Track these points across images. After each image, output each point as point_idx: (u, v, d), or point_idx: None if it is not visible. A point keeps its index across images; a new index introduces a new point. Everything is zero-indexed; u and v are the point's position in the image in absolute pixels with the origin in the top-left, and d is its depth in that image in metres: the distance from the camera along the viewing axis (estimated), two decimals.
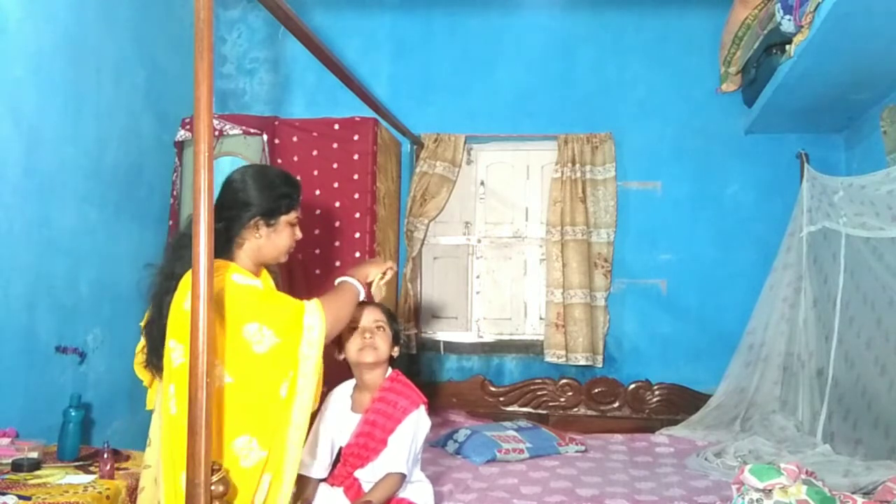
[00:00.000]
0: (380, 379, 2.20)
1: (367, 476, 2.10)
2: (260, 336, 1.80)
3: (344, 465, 2.16)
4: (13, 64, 2.72)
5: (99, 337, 3.21)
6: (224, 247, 1.94)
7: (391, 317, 2.28)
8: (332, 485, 2.17)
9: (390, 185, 3.99)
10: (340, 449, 2.19)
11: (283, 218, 2.00)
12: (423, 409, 2.16)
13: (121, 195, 3.41)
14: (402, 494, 2.14)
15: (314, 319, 1.84)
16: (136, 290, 3.58)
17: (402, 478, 2.06)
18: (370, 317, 2.22)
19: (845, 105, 3.50)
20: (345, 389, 2.28)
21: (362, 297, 2.07)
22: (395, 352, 2.25)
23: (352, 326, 2.18)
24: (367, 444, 2.11)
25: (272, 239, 2.00)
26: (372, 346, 2.18)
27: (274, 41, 4.44)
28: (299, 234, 2.08)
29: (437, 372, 4.28)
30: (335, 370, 2.17)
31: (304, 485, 2.10)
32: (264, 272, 2.12)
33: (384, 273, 2.16)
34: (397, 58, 4.40)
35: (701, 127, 4.15)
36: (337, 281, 2.11)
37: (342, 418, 2.20)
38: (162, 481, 1.81)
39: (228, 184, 2.00)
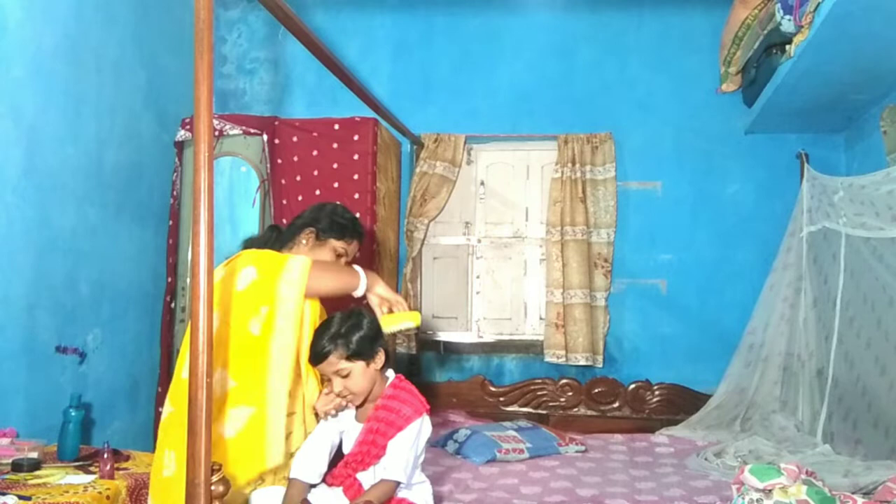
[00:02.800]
0: (379, 391, 2.18)
1: (370, 479, 2.10)
2: (245, 275, 1.96)
3: (345, 466, 2.15)
4: (13, 64, 2.72)
5: (99, 337, 3.22)
6: (278, 246, 2.20)
7: (348, 342, 2.04)
8: (332, 485, 2.16)
9: (390, 185, 3.99)
10: (339, 453, 2.18)
11: (333, 241, 2.24)
12: (426, 417, 2.14)
13: (121, 195, 3.41)
14: (401, 495, 2.13)
15: (296, 262, 1.97)
16: (137, 290, 3.62)
17: (397, 484, 2.06)
18: (328, 369, 2.05)
19: (845, 105, 3.50)
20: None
21: (359, 292, 2.14)
22: (379, 361, 2.11)
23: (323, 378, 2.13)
24: (369, 450, 2.10)
25: (314, 252, 2.21)
26: (347, 397, 2.07)
27: (274, 41, 4.44)
28: None
29: (437, 372, 4.28)
30: None
31: (293, 488, 2.07)
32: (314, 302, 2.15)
33: (397, 315, 2.18)
34: (397, 58, 4.40)
35: (701, 127, 4.15)
36: (356, 267, 2.21)
37: (346, 428, 2.19)
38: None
39: (313, 205, 2.36)
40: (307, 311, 2.06)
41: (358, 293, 2.15)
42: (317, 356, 2.03)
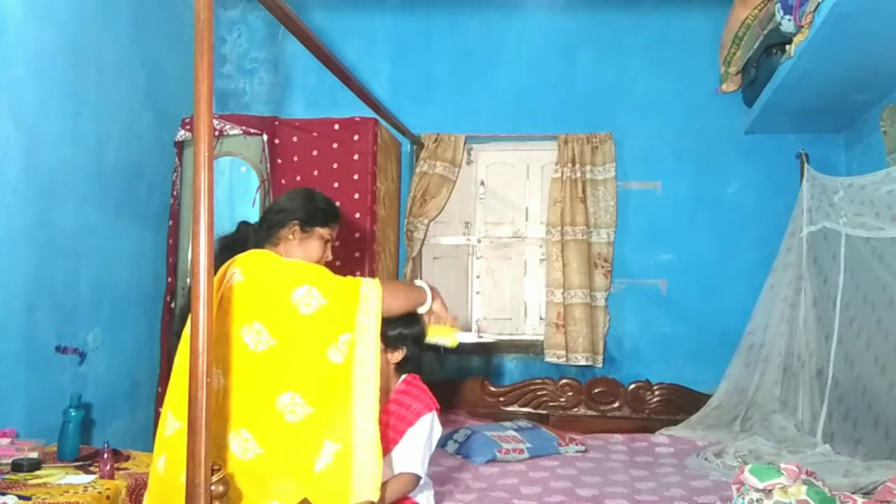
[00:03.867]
0: (391, 387, 2.20)
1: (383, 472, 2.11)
2: (308, 297, 1.90)
3: None
4: (13, 64, 2.72)
5: (99, 337, 3.21)
6: (264, 245, 2.13)
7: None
8: None
9: (390, 185, 3.99)
10: None
11: (318, 230, 2.19)
12: (435, 415, 2.15)
13: (121, 195, 3.41)
14: (416, 497, 2.14)
15: (371, 290, 1.94)
16: (137, 290, 3.62)
17: (416, 479, 2.06)
18: None
19: (845, 105, 3.50)
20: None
21: (425, 307, 2.14)
22: (396, 357, 2.19)
23: None
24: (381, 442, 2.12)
25: (304, 245, 2.17)
26: None
27: (274, 41, 4.44)
28: (329, 255, 2.25)
29: (437, 372, 4.28)
30: None
31: None
32: None
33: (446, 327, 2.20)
34: (397, 58, 4.40)
35: (701, 127, 4.15)
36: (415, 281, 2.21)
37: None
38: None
39: (281, 196, 2.29)
40: None
41: (424, 309, 2.15)
42: None
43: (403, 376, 2.23)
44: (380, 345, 1.89)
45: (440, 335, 2.19)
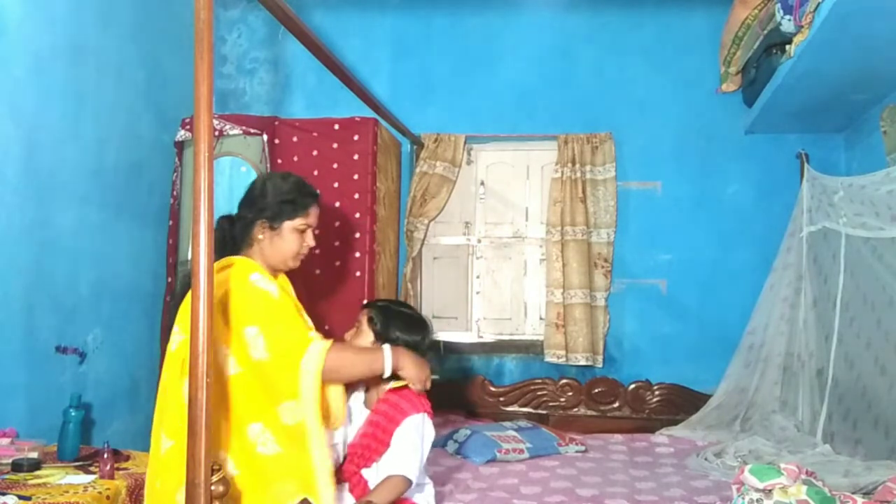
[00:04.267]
0: (386, 384, 2.19)
1: (373, 476, 2.10)
2: (256, 341, 1.86)
3: (350, 462, 2.16)
4: (13, 64, 2.72)
5: (99, 337, 3.21)
6: (236, 245, 2.05)
7: (380, 317, 2.21)
8: (338, 481, 2.17)
9: (390, 185, 3.99)
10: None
11: (287, 223, 2.07)
12: (426, 417, 2.14)
13: (121, 195, 3.41)
14: (413, 497, 2.14)
15: (311, 364, 1.86)
16: (136, 290, 3.62)
17: (406, 481, 2.05)
18: (360, 314, 2.24)
19: (845, 105, 3.50)
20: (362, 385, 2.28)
21: (386, 374, 2.04)
22: None
23: None
24: (369, 444, 2.12)
25: (275, 242, 2.07)
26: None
27: (274, 41, 4.44)
28: (310, 242, 2.13)
29: (436, 372, 4.28)
30: None
31: None
32: (283, 278, 2.18)
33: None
34: (397, 58, 4.40)
35: (701, 127, 4.15)
36: (382, 344, 2.10)
37: (355, 411, 2.21)
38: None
39: (249, 185, 2.14)
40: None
41: (386, 374, 2.04)
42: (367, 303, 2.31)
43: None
44: (320, 413, 1.87)
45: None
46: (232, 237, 2.08)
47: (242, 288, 1.91)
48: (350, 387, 2.21)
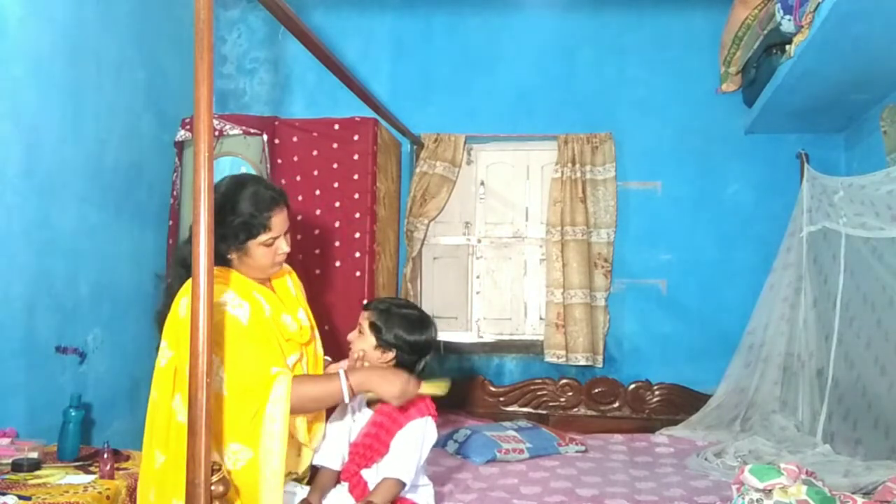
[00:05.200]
0: None
1: (373, 476, 2.10)
2: (217, 371, 1.80)
3: (351, 462, 2.16)
4: (13, 64, 2.72)
5: (99, 337, 3.21)
6: (218, 259, 1.94)
7: (381, 319, 2.17)
8: (338, 481, 2.18)
9: (390, 185, 3.99)
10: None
11: (251, 242, 1.96)
12: (429, 421, 2.14)
13: (121, 195, 3.41)
14: (406, 496, 2.14)
15: (277, 410, 1.79)
16: (137, 290, 3.62)
17: (401, 484, 2.05)
18: (361, 317, 2.21)
19: (845, 105, 3.50)
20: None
21: (346, 401, 1.96)
22: (385, 358, 2.16)
23: None
24: (371, 444, 2.11)
25: (245, 260, 1.99)
26: (352, 349, 2.18)
27: (274, 41, 4.44)
28: (284, 248, 2.03)
29: (437, 372, 4.27)
30: None
31: (321, 476, 2.11)
32: (284, 279, 2.15)
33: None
34: (397, 58, 4.40)
35: (701, 127, 4.15)
36: (333, 368, 2.05)
37: (357, 411, 2.21)
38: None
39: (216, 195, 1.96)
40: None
41: (345, 400, 1.95)
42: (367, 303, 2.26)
43: None
44: (284, 465, 1.83)
45: (432, 389, 2.10)
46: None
47: (215, 309, 1.85)
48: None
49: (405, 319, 2.18)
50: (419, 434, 2.10)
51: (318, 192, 3.56)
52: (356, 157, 3.57)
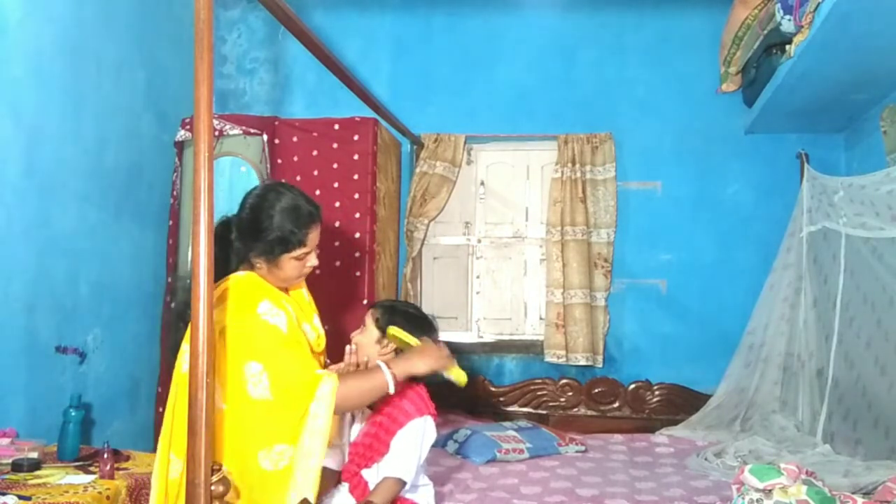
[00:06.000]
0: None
1: (374, 476, 2.10)
2: (258, 379, 1.80)
3: (351, 462, 2.16)
4: (13, 64, 2.72)
5: (99, 337, 3.21)
6: (243, 263, 1.99)
7: (385, 317, 2.19)
8: (338, 482, 2.18)
9: (390, 185, 3.99)
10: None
11: (285, 255, 1.97)
12: (428, 419, 2.14)
13: (121, 195, 3.41)
14: (406, 496, 2.14)
15: (321, 408, 1.81)
16: (137, 290, 3.62)
17: (401, 483, 2.06)
18: (367, 315, 2.24)
19: (845, 105, 3.50)
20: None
21: (391, 391, 1.96)
22: (388, 350, 2.18)
23: None
24: (371, 444, 2.12)
25: (273, 272, 2.00)
26: (353, 349, 2.19)
27: (274, 41, 4.44)
28: (313, 262, 2.05)
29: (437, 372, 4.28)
30: None
31: (321, 476, 2.11)
32: (297, 290, 2.16)
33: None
34: (397, 58, 4.40)
35: (701, 127, 4.15)
36: (333, 369, 2.03)
37: (357, 411, 2.21)
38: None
39: (247, 206, 1.99)
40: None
41: (390, 391, 1.96)
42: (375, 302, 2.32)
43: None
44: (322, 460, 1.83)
45: (452, 373, 2.10)
46: (228, 252, 1.99)
47: (247, 319, 1.84)
48: None
49: (408, 314, 2.23)
50: (419, 433, 2.10)
51: (318, 192, 3.56)
52: (356, 157, 3.57)
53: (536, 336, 4.26)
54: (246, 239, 1.97)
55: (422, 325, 2.21)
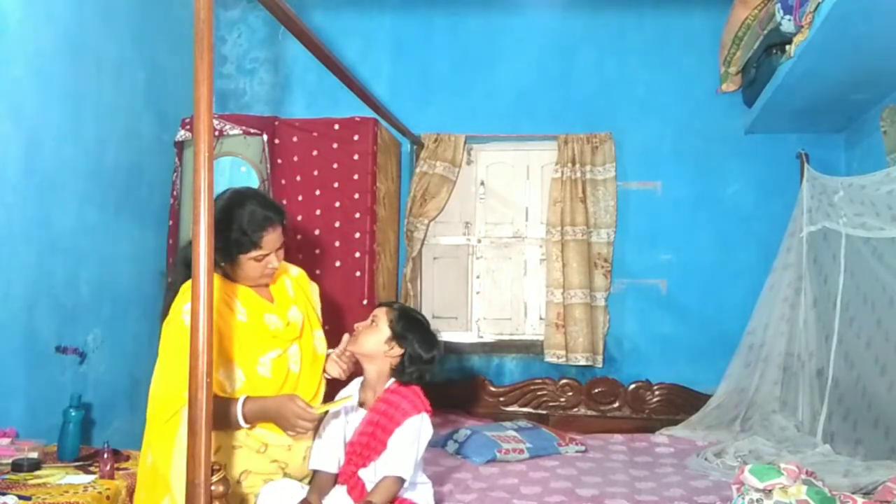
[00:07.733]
0: (377, 376, 2.19)
1: (371, 476, 2.10)
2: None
3: (348, 463, 2.16)
4: (13, 64, 2.72)
5: (99, 337, 3.22)
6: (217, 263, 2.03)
7: (402, 321, 2.20)
8: (336, 483, 2.17)
9: (390, 185, 3.99)
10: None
11: (242, 256, 2.03)
12: (425, 417, 2.14)
13: (121, 195, 3.41)
14: (404, 495, 2.14)
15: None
16: (137, 290, 3.62)
17: (400, 481, 2.06)
18: (377, 310, 2.25)
19: (845, 105, 3.50)
20: (355, 385, 2.27)
21: (242, 425, 1.93)
22: (393, 351, 2.18)
23: None
24: (368, 443, 2.11)
25: (235, 270, 2.08)
26: (354, 332, 2.22)
27: (274, 41, 4.44)
28: (273, 264, 2.09)
29: (437, 372, 4.27)
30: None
31: (318, 479, 2.11)
32: (278, 283, 2.22)
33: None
34: (397, 58, 4.40)
35: (701, 127, 4.15)
36: (242, 397, 1.97)
37: (351, 411, 2.21)
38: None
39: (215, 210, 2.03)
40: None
41: (242, 425, 1.92)
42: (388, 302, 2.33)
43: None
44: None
45: (340, 403, 2.09)
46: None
47: (172, 315, 1.98)
48: (350, 377, 2.26)
49: (423, 332, 2.22)
50: (416, 430, 2.10)
51: (318, 192, 3.56)
52: (356, 157, 3.57)
53: (536, 336, 4.26)
54: (219, 241, 1.98)
55: (431, 342, 2.21)
